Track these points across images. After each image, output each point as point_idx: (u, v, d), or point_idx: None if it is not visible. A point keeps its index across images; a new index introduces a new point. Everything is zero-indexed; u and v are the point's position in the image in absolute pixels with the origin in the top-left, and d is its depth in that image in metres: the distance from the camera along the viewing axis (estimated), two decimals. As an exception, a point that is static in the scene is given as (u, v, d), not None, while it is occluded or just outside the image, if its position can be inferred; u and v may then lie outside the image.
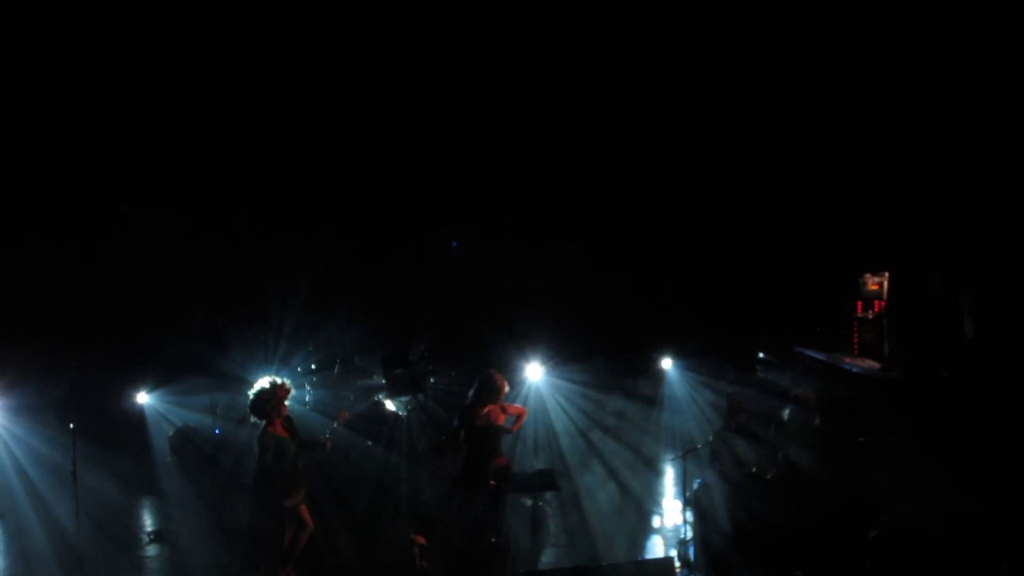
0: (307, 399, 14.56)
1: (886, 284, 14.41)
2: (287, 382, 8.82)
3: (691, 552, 9.34)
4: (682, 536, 9.63)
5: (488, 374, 8.86)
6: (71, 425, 9.37)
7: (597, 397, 15.47)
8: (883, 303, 14.41)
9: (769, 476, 9.40)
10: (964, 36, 12.55)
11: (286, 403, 8.69)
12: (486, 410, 8.73)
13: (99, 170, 16.23)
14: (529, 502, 10.44)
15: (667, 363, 16.16)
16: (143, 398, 14.69)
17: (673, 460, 11.69)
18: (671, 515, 11.39)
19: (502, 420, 8.80)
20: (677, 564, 9.18)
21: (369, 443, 13.40)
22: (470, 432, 8.74)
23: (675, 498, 11.95)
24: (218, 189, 17.00)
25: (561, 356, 14.89)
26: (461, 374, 16.04)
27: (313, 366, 15.60)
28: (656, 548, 10.27)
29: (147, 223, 16.47)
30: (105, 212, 16.48)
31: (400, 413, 14.18)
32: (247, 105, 16.29)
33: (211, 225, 17.06)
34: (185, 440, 13.87)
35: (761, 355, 14.66)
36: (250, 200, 17.22)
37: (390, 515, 10.98)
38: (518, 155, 17.52)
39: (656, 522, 11.27)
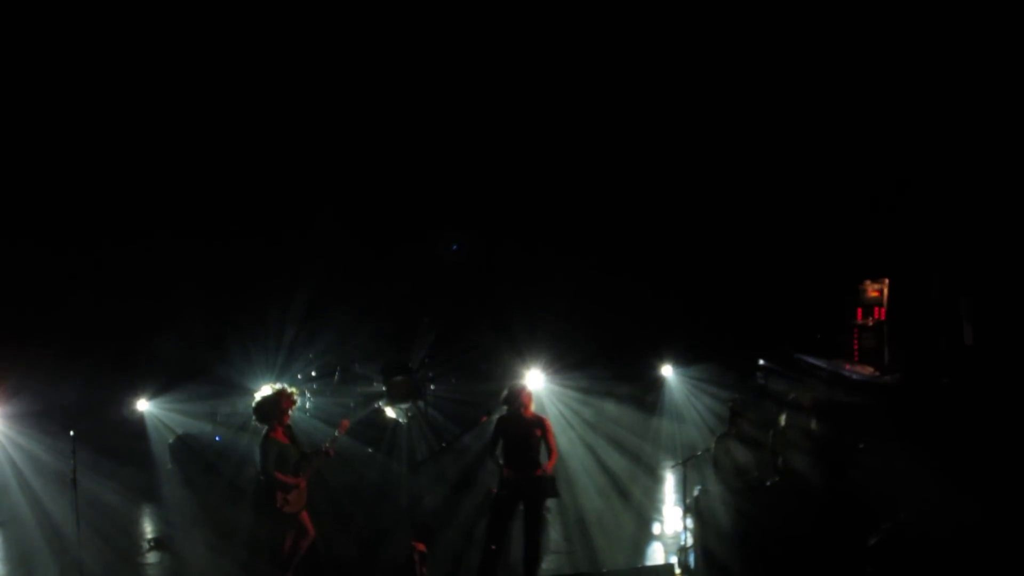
0: (307, 406, 14.55)
1: (886, 291, 14.42)
2: (294, 391, 8.83)
3: (691, 559, 9.32)
4: (682, 543, 9.61)
5: (511, 385, 9.23)
6: (72, 432, 9.36)
7: (597, 404, 15.45)
8: (883, 310, 14.42)
9: (769, 483, 9.39)
10: (963, 43, 12.58)
11: (289, 413, 8.70)
12: (516, 417, 8.87)
13: (99, 175, 16.24)
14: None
15: (667, 370, 16.15)
16: (143, 405, 14.69)
17: (673, 467, 11.70)
18: (671, 522, 11.37)
19: (539, 433, 8.91)
20: (677, 571, 9.18)
21: (369, 450, 13.40)
22: (507, 440, 8.89)
23: (675, 505, 11.93)
24: (219, 195, 17.01)
25: (562, 363, 14.89)
26: (461, 381, 16.07)
27: (313, 373, 15.60)
28: (656, 555, 10.27)
29: (148, 229, 16.48)
30: (106, 218, 16.48)
31: (400, 420, 14.19)
32: (250, 111, 16.31)
33: (212, 231, 17.07)
34: (185, 447, 13.85)
35: (761, 362, 14.65)
36: (251, 206, 17.22)
37: (390, 522, 10.97)
38: (519, 161, 17.54)
39: (656, 529, 11.26)
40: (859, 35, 13.80)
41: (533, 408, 9.16)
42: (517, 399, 8.94)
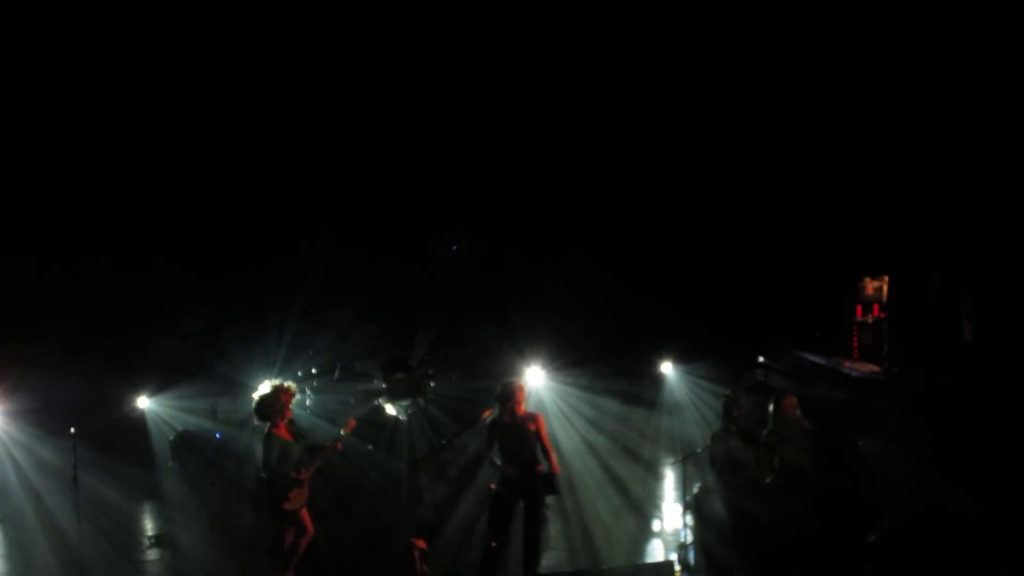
0: (307, 403, 14.57)
1: (886, 288, 14.44)
2: (291, 385, 8.82)
3: (691, 556, 9.34)
4: (682, 540, 9.63)
5: (504, 383, 9.15)
6: (72, 429, 9.38)
7: (597, 401, 15.47)
8: (883, 307, 14.44)
9: (769, 480, 9.40)
10: (963, 41, 12.58)
11: (290, 407, 8.71)
12: (509, 415, 8.86)
13: (100, 175, 16.26)
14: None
15: (667, 367, 16.16)
16: (144, 402, 14.70)
17: (673, 464, 11.71)
18: (671, 519, 11.39)
19: (533, 428, 8.90)
20: (677, 568, 9.19)
21: (369, 447, 13.41)
22: (502, 440, 8.88)
23: (675, 502, 11.94)
24: (219, 194, 17.03)
25: (562, 360, 14.90)
26: (461, 378, 16.08)
27: (314, 370, 15.61)
28: (656, 552, 10.27)
29: (148, 226, 16.50)
30: (106, 216, 16.51)
31: (400, 417, 14.21)
32: (248, 110, 16.33)
33: (212, 229, 17.09)
34: (186, 444, 13.87)
35: (761, 359, 14.66)
36: (251, 204, 17.24)
37: (390, 519, 10.99)
38: (520, 162, 17.56)
39: (656, 526, 11.27)
40: (859, 34, 13.82)
41: (531, 405, 9.15)
42: (511, 397, 8.92)
